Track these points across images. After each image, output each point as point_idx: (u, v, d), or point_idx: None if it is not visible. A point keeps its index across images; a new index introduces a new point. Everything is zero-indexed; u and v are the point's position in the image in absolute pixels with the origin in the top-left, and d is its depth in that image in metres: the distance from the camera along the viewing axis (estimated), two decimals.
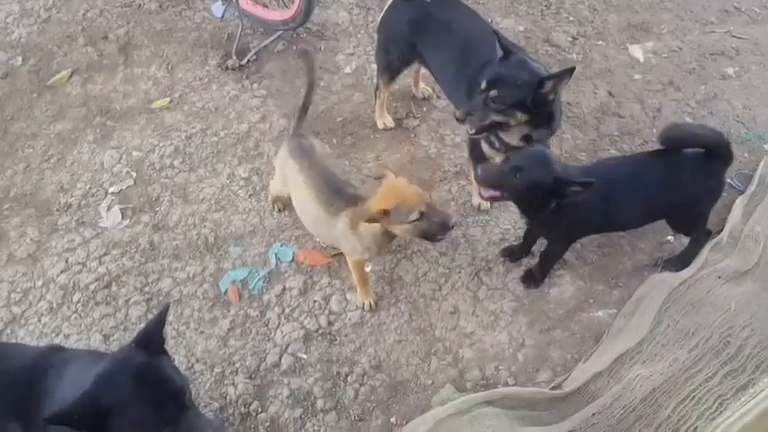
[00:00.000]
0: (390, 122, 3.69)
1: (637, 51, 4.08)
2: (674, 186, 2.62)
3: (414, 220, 2.36)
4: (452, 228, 2.44)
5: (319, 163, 2.72)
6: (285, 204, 3.21)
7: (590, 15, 4.35)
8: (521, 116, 2.62)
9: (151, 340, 1.76)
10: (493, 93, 2.58)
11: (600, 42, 4.17)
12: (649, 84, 3.88)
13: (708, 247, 2.94)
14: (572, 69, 2.54)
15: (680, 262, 2.96)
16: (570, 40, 4.18)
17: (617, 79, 3.93)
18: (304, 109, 2.89)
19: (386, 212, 2.34)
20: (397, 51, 3.31)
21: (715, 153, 2.60)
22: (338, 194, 2.62)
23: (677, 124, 3.12)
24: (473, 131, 2.73)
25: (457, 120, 2.73)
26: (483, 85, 2.61)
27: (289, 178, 2.80)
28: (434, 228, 2.41)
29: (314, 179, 2.66)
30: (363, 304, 2.91)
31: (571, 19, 4.33)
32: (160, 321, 1.82)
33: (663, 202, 2.69)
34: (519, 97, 2.56)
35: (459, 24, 3.06)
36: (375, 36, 3.61)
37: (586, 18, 4.33)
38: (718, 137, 2.61)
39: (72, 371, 1.81)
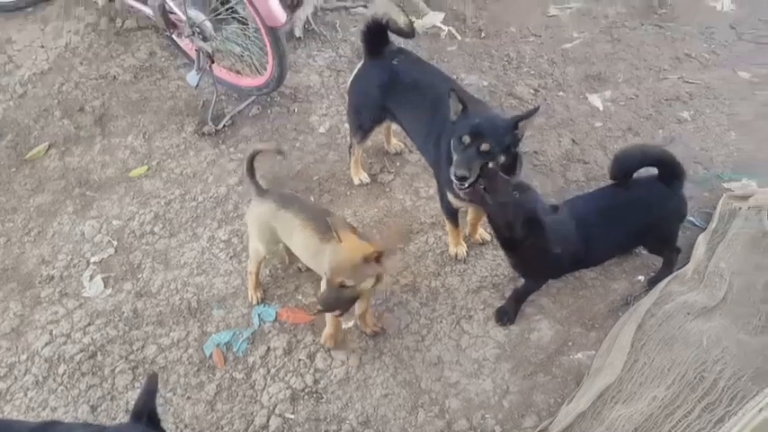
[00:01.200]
0: (366, 178, 3.80)
1: (596, 100, 4.27)
2: (641, 213, 2.83)
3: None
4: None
5: (308, 204, 2.98)
6: (263, 287, 3.28)
7: (549, 68, 4.55)
8: (503, 160, 2.76)
9: (145, 412, 1.79)
10: (485, 145, 2.69)
11: (561, 93, 4.36)
12: (610, 131, 4.05)
13: (668, 278, 3.06)
14: (537, 108, 2.83)
15: (657, 281, 3.13)
16: (532, 92, 4.37)
17: (579, 127, 4.10)
18: (251, 171, 3.02)
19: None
20: (368, 111, 3.46)
21: (668, 172, 2.82)
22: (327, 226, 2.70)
23: (622, 150, 3.21)
24: (465, 186, 2.75)
25: (457, 179, 2.74)
26: (466, 139, 2.71)
27: (282, 230, 2.89)
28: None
29: (310, 218, 2.80)
30: (327, 340, 3.01)
31: (532, 72, 4.52)
32: (151, 392, 1.85)
33: (634, 229, 2.89)
34: (504, 142, 2.72)
35: (426, 83, 3.20)
36: (346, 97, 3.73)
37: (546, 71, 4.52)
38: (663, 152, 2.86)
39: None
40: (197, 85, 4.13)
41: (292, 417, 2.78)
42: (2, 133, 4.24)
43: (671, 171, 2.84)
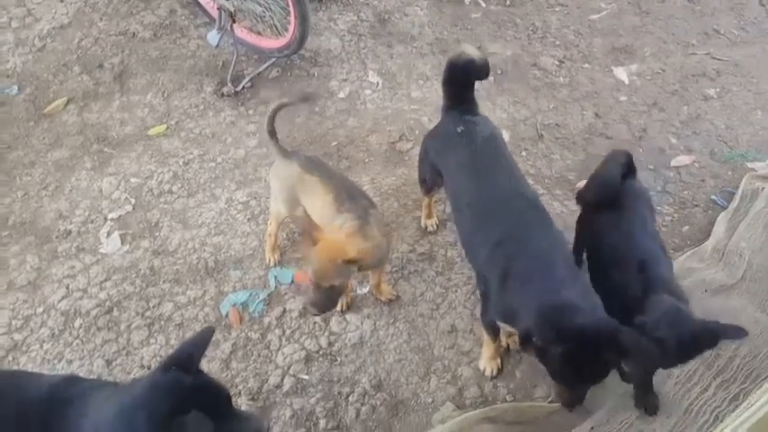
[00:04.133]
0: (433, 226, 3.37)
1: (621, 74, 4.20)
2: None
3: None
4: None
5: (334, 171, 2.92)
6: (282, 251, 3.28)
7: (575, 39, 4.47)
8: None
9: (191, 359, 1.78)
10: None
11: (586, 65, 4.29)
12: (634, 105, 4.00)
13: (688, 254, 3.05)
14: None
15: None
16: (557, 63, 4.30)
17: (603, 101, 4.04)
18: (273, 130, 2.96)
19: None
20: (427, 169, 3.06)
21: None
22: (351, 201, 2.70)
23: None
24: None
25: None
26: None
27: (304, 193, 2.86)
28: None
29: (333, 186, 2.76)
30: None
31: (557, 43, 4.45)
32: (205, 342, 1.85)
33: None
34: None
35: (486, 172, 2.71)
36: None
37: (572, 42, 4.45)
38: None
39: (92, 411, 1.81)
40: (217, 45, 4.10)
41: (306, 377, 2.80)
42: (20, 86, 4.23)
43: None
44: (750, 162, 3.56)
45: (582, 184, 3.49)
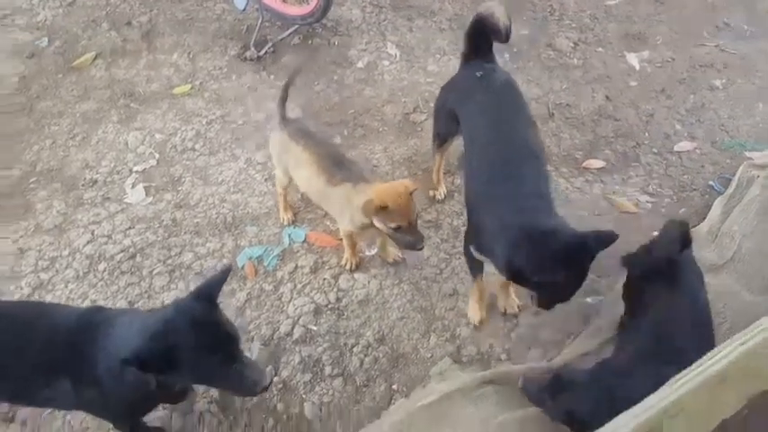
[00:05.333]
0: (442, 194, 3.54)
1: (633, 60, 4.32)
2: None
3: (391, 228, 2.65)
4: (419, 249, 2.76)
5: (320, 140, 3.00)
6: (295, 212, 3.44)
7: (591, 23, 4.58)
8: None
9: (210, 294, 1.97)
10: None
11: (599, 49, 4.41)
12: (644, 91, 4.12)
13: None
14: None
15: None
16: (572, 45, 4.42)
17: (614, 85, 4.17)
18: (283, 99, 3.09)
19: (377, 209, 2.59)
20: (444, 119, 3.19)
21: None
22: (339, 168, 2.85)
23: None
24: None
25: None
26: None
27: (291, 161, 3.01)
28: (404, 243, 2.74)
29: (317, 155, 2.90)
30: (348, 263, 3.18)
31: (573, 26, 4.57)
32: (222, 279, 2.03)
33: None
34: None
35: (497, 115, 2.83)
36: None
37: (587, 26, 4.56)
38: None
39: (118, 329, 2.00)
40: (243, 10, 4.23)
41: (315, 328, 2.98)
42: (50, 39, 4.38)
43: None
44: (748, 151, 3.69)
45: (590, 163, 3.67)
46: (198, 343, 1.88)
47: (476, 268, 2.87)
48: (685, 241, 2.55)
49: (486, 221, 2.58)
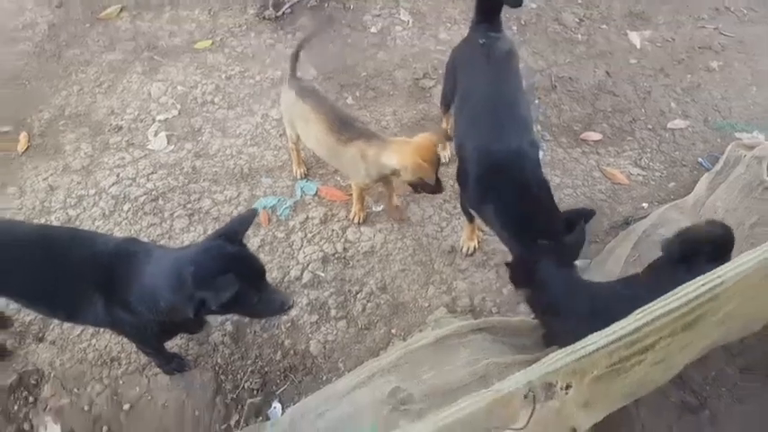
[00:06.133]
0: (446, 157, 3.65)
1: (635, 38, 4.50)
2: None
3: (419, 181, 2.92)
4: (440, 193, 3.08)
5: (325, 100, 3.19)
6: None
7: (597, 0, 4.74)
8: None
9: (238, 233, 2.20)
10: None
11: (603, 26, 4.58)
12: (643, 69, 4.31)
13: (669, 205, 3.42)
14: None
15: None
16: (577, 21, 4.59)
17: (615, 61, 4.35)
18: (295, 58, 3.29)
19: (422, 167, 2.84)
20: (449, 82, 3.37)
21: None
22: (347, 127, 3.06)
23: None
24: None
25: None
26: None
27: (297, 118, 3.21)
28: (429, 190, 2.99)
29: (325, 114, 3.09)
30: (356, 216, 3.41)
31: (579, 2, 4.73)
32: (249, 221, 2.26)
33: None
34: None
35: (493, 81, 2.99)
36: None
37: (593, 2, 4.73)
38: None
39: (153, 260, 2.23)
40: None
41: (322, 274, 3.23)
42: None
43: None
44: (738, 132, 3.89)
45: (587, 135, 3.88)
46: (239, 272, 2.10)
47: (469, 215, 3.19)
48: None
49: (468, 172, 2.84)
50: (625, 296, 2.44)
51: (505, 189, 2.66)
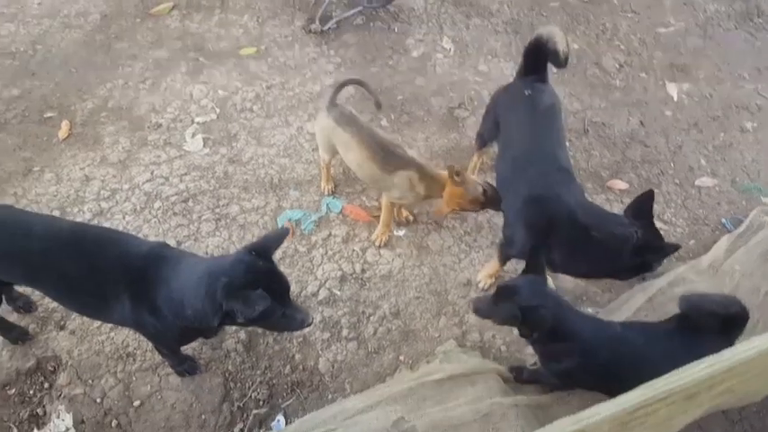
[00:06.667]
0: None
1: (673, 90, 4.52)
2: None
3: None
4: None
5: (364, 127, 3.24)
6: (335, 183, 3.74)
7: (639, 48, 4.78)
8: None
9: (269, 249, 2.28)
10: None
11: (643, 74, 4.62)
12: (677, 122, 4.33)
13: (686, 266, 3.44)
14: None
15: None
16: (617, 67, 4.63)
17: (650, 111, 4.38)
18: (340, 87, 3.34)
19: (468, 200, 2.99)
20: (488, 123, 3.46)
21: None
22: (390, 155, 3.14)
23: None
24: None
25: None
26: None
27: (339, 144, 3.28)
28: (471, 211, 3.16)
29: (366, 142, 3.16)
30: (378, 239, 3.48)
31: (622, 47, 4.77)
32: (280, 239, 2.34)
33: None
34: None
35: (535, 133, 3.07)
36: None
37: (635, 49, 4.76)
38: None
39: (184, 266, 2.32)
40: None
41: (338, 293, 3.30)
42: None
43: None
44: (765, 197, 3.91)
45: (614, 183, 3.90)
46: (266, 287, 2.17)
47: (506, 259, 3.25)
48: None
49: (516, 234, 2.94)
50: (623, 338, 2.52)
51: (569, 234, 2.76)
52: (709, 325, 2.42)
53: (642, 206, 2.71)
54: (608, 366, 2.46)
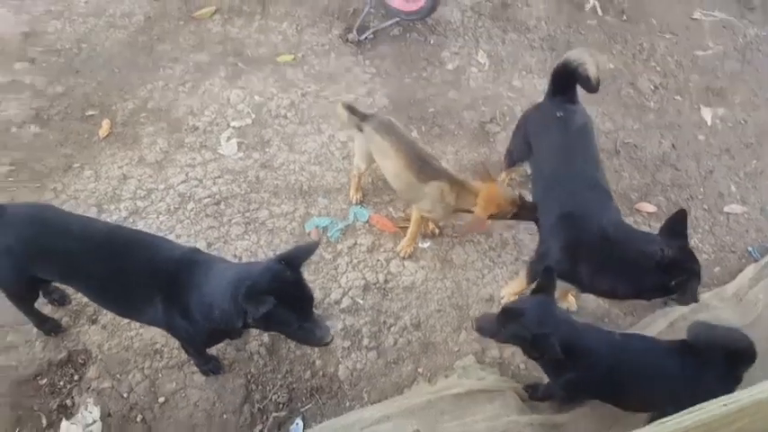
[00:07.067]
0: None
1: (707, 114, 4.49)
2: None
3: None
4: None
5: (404, 136, 3.31)
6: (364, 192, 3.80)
7: (675, 70, 4.76)
8: None
9: (298, 259, 2.36)
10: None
11: (677, 97, 4.60)
12: (710, 147, 4.31)
13: (710, 292, 3.44)
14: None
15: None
16: (652, 88, 4.62)
17: (683, 135, 4.37)
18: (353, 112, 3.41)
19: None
20: (517, 142, 3.50)
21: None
22: (426, 166, 3.20)
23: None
24: None
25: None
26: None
27: (376, 153, 3.35)
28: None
29: (404, 151, 3.23)
30: (403, 250, 3.54)
31: (658, 69, 4.75)
32: (310, 251, 2.42)
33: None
34: None
35: (570, 152, 3.12)
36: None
37: (671, 71, 4.74)
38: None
39: (215, 271, 2.41)
40: None
41: (361, 302, 3.36)
42: None
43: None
44: None
45: (642, 205, 3.90)
46: (288, 297, 2.27)
47: (532, 280, 3.20)
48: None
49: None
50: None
51: (598, 251, 2.80)
52: (713, 356, 2.47)
53: (675, 226, 2.73)
54: (611, 375, 2.54)
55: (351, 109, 3.39)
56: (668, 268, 2.62)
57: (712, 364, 2.45)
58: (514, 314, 2.50)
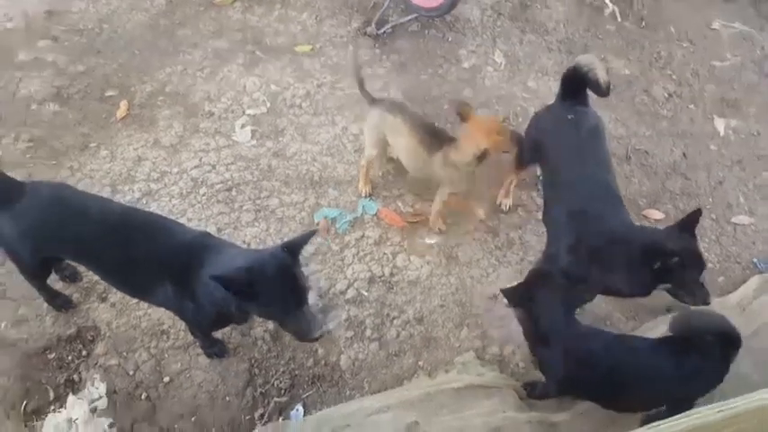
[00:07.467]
0: (507, 206, 3.86)
1: (720, 125, 4.49)
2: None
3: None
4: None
5: (415, 114, 3.43)
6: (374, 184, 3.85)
7: (691, 79, 4.75)
8: None
9: (295, 248, 2.41)
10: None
11: (691, 106, 4.60)
12: (721, 157, 4.31)
13: (714, 301, 3.44)
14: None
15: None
16: (666, 96, 4.62)
17: (694, 144, 4.37)
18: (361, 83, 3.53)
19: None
20: (528, 145, 3.42)
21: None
22: (436, 137, 3.31)
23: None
24: None
25: None
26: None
27: (390, 132, 3.43)
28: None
29: (416, 127, 3.35)
30: (435, 227, 3.65)
31: (674, 77, 4.75)
32: (307, 239, 2.48)
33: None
34: None
35: (579, 155, 3.14)
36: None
37: (687, 80, 4.74)
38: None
39: (223, 255, 2.46)
40: None
41: (365, 294, 3.40)
42: None
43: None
44: None
45: (650, 212, 3.92)
46: (276, 285, 2.33)
47: None
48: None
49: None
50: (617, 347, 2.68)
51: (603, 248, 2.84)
52: (701, 344, 2.54)
53: (687, 222, 2.80)
54: (603, 374, 2.61)
55: (361, 84, 3.51)
56: (649, 250, 2.68)
57: (698, 355, 2.54)
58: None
